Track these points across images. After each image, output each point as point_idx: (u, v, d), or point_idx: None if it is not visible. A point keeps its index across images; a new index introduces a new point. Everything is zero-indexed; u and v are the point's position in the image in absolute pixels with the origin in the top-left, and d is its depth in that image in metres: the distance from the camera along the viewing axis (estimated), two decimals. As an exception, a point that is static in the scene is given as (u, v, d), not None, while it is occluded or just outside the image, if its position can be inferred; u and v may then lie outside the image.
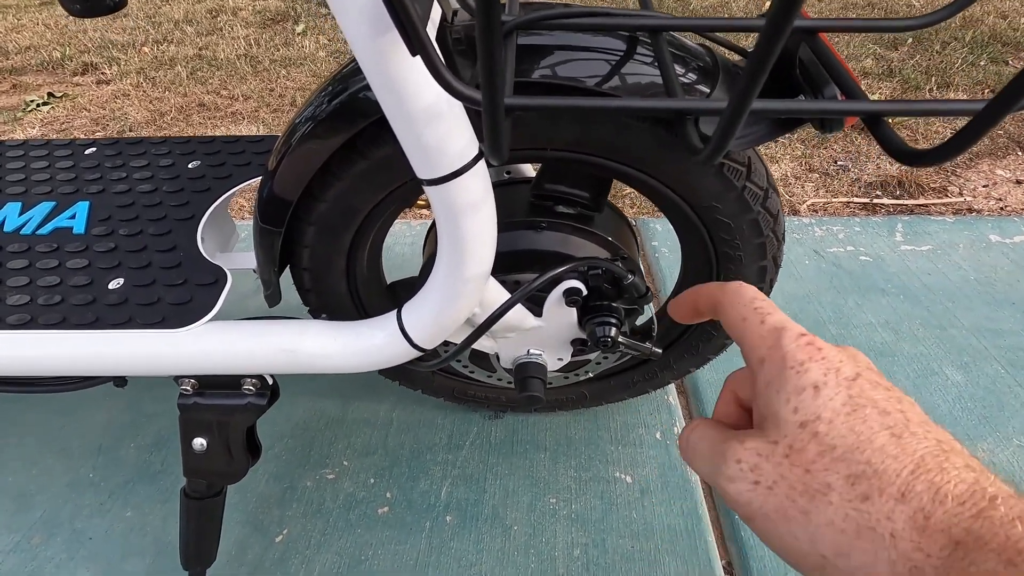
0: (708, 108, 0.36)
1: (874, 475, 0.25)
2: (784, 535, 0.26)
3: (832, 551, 0.25)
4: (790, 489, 0.26)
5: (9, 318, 0.60)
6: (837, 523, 0.25)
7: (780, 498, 0.26)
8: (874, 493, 0.24)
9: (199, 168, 0.80)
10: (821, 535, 0.25)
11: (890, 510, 0.24)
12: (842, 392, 0.27)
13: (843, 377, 0.27)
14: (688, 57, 0.52)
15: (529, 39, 0.50)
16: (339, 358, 0.60)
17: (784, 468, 0.26)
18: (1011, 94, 0.26)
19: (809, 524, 0.25)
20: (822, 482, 0.25)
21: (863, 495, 0.25)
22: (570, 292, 0.61)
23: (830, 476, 0.25)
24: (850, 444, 0.25)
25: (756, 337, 0.31)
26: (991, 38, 2.13)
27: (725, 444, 0.29)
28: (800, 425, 0.27)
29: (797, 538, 0.26)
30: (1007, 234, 1.26)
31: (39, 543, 0.79)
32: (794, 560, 0.26)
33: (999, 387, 0.94)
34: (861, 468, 0.25)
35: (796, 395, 0.27)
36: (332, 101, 0.56)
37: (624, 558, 0.75)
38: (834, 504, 0.25)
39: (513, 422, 0.92)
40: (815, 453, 0.26)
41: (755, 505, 0.27)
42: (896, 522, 0.24)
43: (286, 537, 0.79)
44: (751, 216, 0.60)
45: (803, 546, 0.26)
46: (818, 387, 0.27)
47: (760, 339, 0.30)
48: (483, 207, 0.49)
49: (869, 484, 0.25)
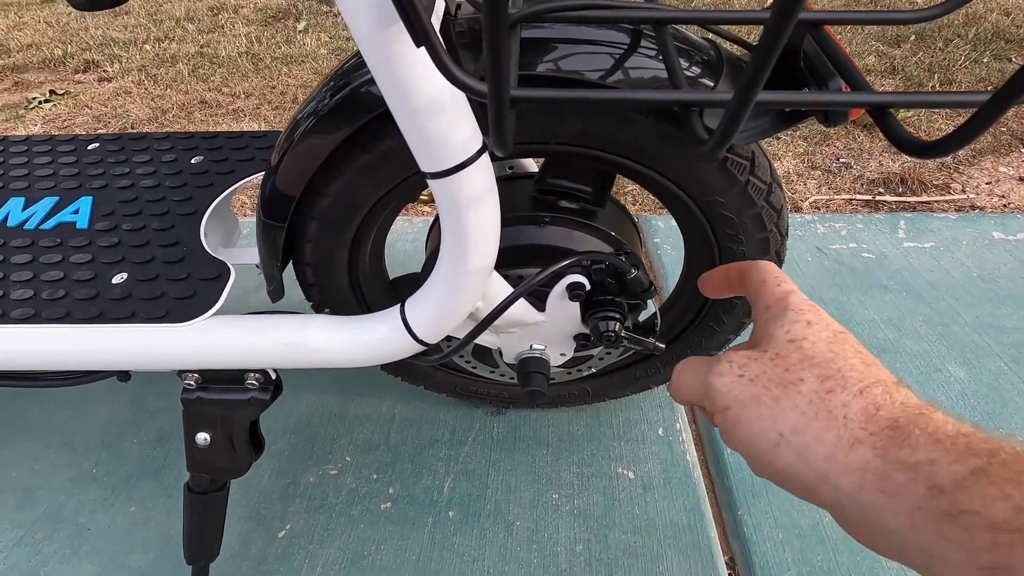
0: (713, 100, 0.36)
1: (841, 378, 0.30)
2: (752, 418, 0.31)
3: (790, 428, 0.30)
4: (768, 380, 0.31)
5: (13, 312, 0.60)
6: (801, 406, 0.30)
7: (758, 387, 0.31)
8: (837, 388, 0.30)
9: (202, 163, 0.80)
10: (784, 416, 0.30)
11: (848, 400, 0.29)
12: (829, 331, 0.32)
13: (833, 327, 0.33)
14: (692, 50, 0.52)
15: (533, 32, 0.50)
16: (342, 352, 0.60)
17: (767, 366, 0.32)
18: (1016, 85, 0.26)
19: (776, 407, 0.30)
20: (796, 377, 0.31)
21: (828, 389, 0.30)
22: (573, 287, 0.61)
23: (804, 374, 0.31)
24: (827, 358, 0.31)
25: (770, 295, 0.36)
26: (994, 35, 2.12)
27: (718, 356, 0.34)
28: (789, 341, 0.32)
29: (762, 418, 0.30)
30: (1010, 231, 1.26)
31: (43, 538, 0.79)
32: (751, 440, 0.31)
33: (1002, 383, 0.94)
34: (832, 372, 0.30)
35: (791, 324, 0.33)
36: (334, 96, 0.56)
37: (626, 554, 0.75)
38: (803, 393, 0.30)
39: (516, 418, 0.92)
40: (796, 359, 0.31)
41: (734, 392, 0.31)
42: (851, 408, 0.29)
43: (289, 532, 0.79)
44: (754, 211, 0.60)
45: (765, 425, 0.30)
46: (810, 323, 0.33)
47: (773, 296, 0.36)
48: (487, 200, 0.49)
49: (835, 382, 0.30)
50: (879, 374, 0.30)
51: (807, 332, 0.32)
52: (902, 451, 0.27)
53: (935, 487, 0.25)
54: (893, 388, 0.30)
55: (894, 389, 0.29)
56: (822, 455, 0.29)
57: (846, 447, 0.28)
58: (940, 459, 0.26)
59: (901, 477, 0.27)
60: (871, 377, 0.30)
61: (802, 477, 0.29)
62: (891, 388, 0.29)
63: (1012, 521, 0.23)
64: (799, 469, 0.29)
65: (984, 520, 0.24)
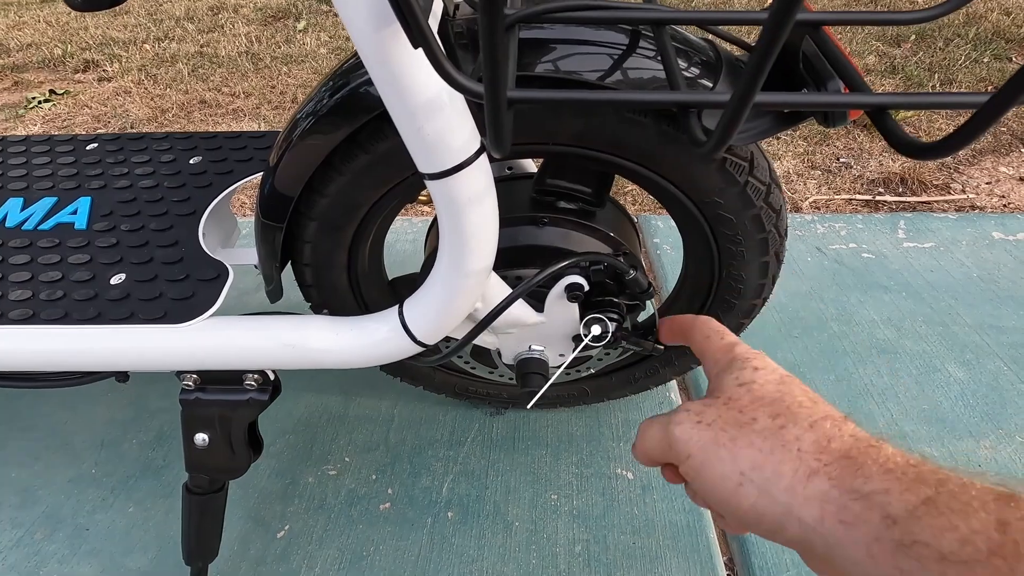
0: (711, 101, 0.36)
1: (791, 415, 0.32)
2: (713, 460, 0.32)
3: (749, 466, 0.31)
4: (724, 423, 0.33)
5: (11, 313, 0.60)
6: (757, 443, 0.31)
7: (715, 430, 0.33)
8: (788, 423, 0.31)
9: (201, 164, 0.80)
10: (742, 454, 0.31)
11: (800, 434, 0.31)
12: (775, 375, 0.35)
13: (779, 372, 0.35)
14: (691, 51, 0.52)
15: (531, 32, 0.50)
16: (341, 353, 0.60)
17: (722, 410, 0.34)
18: (1015, 87, 0.26)
19: (734, 446, 0.32)
20: (750, 417, 0.33)
21: (780, 425, 0.32)
22: (572, 288, 0.61)
23: (757, 413, 0.33)
24: (775, 397, 0.33)
25: (716, 350, 0.39)
26: (994, 35, 2.12)
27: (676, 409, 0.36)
28: (739, 385, 0.35)
29: (723, 460, 0.32)
30: (1010, 231, 1.26)
31: (42, 538, 0.79)
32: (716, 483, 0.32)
33: (1001, 384, 0.94)
34: (782, 410, 0.32)
35: (739, 371, 0.35)
36: (333, 96, 0.55)
37: (625, 554, 0.75)
38: (757, 431, 0.32)
39: (515, 418, 0.92)
40: (748, 401, 0.33)
41: (694, 440, 0.33)
42: (803, 441, 0.31)
43: (288, 532, 0.79)
44: (753, 211, 0.60)
45: (726, 467, 0.32)
46: (757, 368, 0.35)
47: (719, 350, 0.38)
48: (485, 201, 0.49)
49: (785, 418, 0.32)
50: (826, 409, 0.32)
51: (755, 376, 0.35)
52: (856, 480, 0.28)
53: (888, 517, 0.26)
54: (841, 421, 0.31)
55: (842, 422, 0.31)
56: (782, 487, 0.30)
57: (803, 478, 0.29)
58: (892, 488, 0.27)
59: (857, 507, 0.27)
60: (819, 412, 0.32)
61: (769, 514, 0.30)
62: (839, 421, 0.31)
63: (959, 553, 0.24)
64: (765, 506, 0.30)
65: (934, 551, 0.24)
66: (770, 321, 1.05)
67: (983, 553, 0.23)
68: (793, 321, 1.06)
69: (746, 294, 0.68)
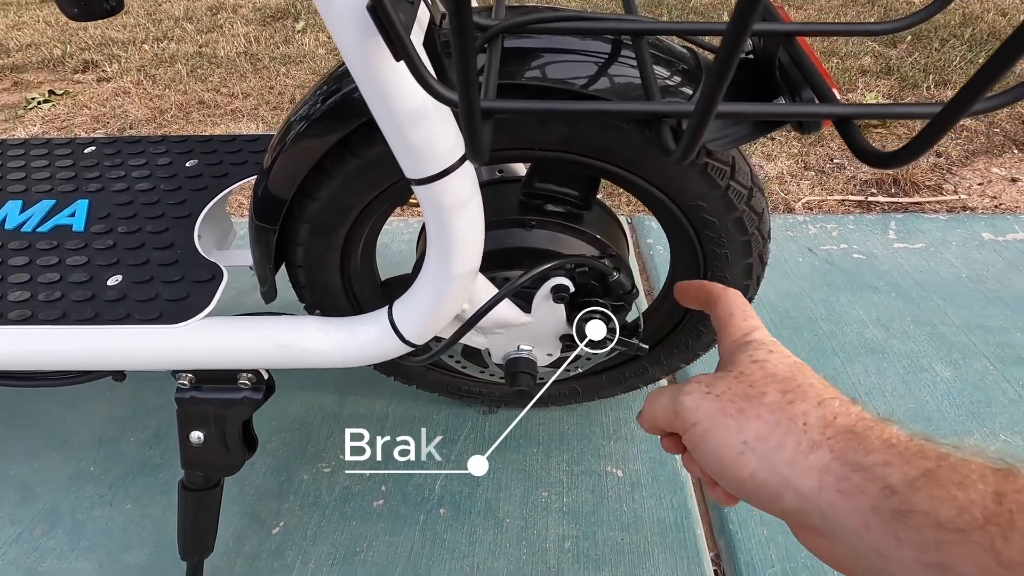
0: (676, 111, 0.37)
1: (801, 392, 0.33)
2: (719, 429, 0.33)
3: (754, 436, 0.32)
4: (733, 395, 0.33)
5: (10, 314, 0.61)
6: (764, 416, 0.32)
7: (724, 402, 0.33)
8: (798, 400, 0.32)
9: (196, 167, 0.81)
10: (748, 425, 0.32)
11: (808, 410, 0.31)
12: (789, 359, 0.35)
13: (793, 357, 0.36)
14: (673, 60, 0.53)
15: (515, 42, 0.51)
16: (332, 353, 0.61)
17: (732, 383, 0.34)
18: (966, 98, 0.27)
19: (741, 417, 0.32)
20: (759, 391, 0.33)
21: (789, 400, 0.32)
22: (557, 289, 0.62)
23: (767, 388, 0.33)
24: (788, 375, 0.34)
25: (737, 329, 0.39)
26: (990, 35, 2.13)
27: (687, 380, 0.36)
28: (752, 362, 0.35)
29: (728, 429, 0.32)
30: (1000, 232, 1.27)
31: (41, 534, 0.80)
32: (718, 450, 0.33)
33: (987, 383, 0.95)
34: (792, 387, 0.33)
35: (754, 350, 0.36)
36: (326, 101, 0.57)
37: (614, 550, 0.77)
38: (765, 404, 0.32)
39: (507, 417, 0.93)
40: (759, 376, 0.34)
41: (702, 408, 0.34)
42: (810, 417, 0.31)
43: (283, 529, 0.80)
44: (736, 214, 0.61)
45: (731, 435, 0.32)
46: (772, 351, 0.36)
47: (739, 330, 0.39)
48: (470, 206, 0.50)
49: (795, 395, 0.32)
50: (836, 392, 0.33)
51: (769, 356, 0.35)
52: (857, 454, 0.29)
53: (888, 487, 0.27)
54: (849, 403, 0.32)
55: (850, 403, 0.32)
56: (784, 459, 0.30)
57: (806, 450, 0.30)
58: (893, 461, 0.27)
59: (857, 478, 0.28)
60: (829, 393, 0.33)
61: (767, 483, 0.31)
62: (847, 402, 0.32)
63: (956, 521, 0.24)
64: (764, 476, 0.31)
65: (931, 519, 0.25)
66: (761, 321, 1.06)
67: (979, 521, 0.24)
68: (783, 321, 1.07)
69: (731, 295, 0.69)
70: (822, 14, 2.44)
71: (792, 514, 0.30)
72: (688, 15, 2.49)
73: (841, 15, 2.42)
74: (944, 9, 0.42)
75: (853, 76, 1.94)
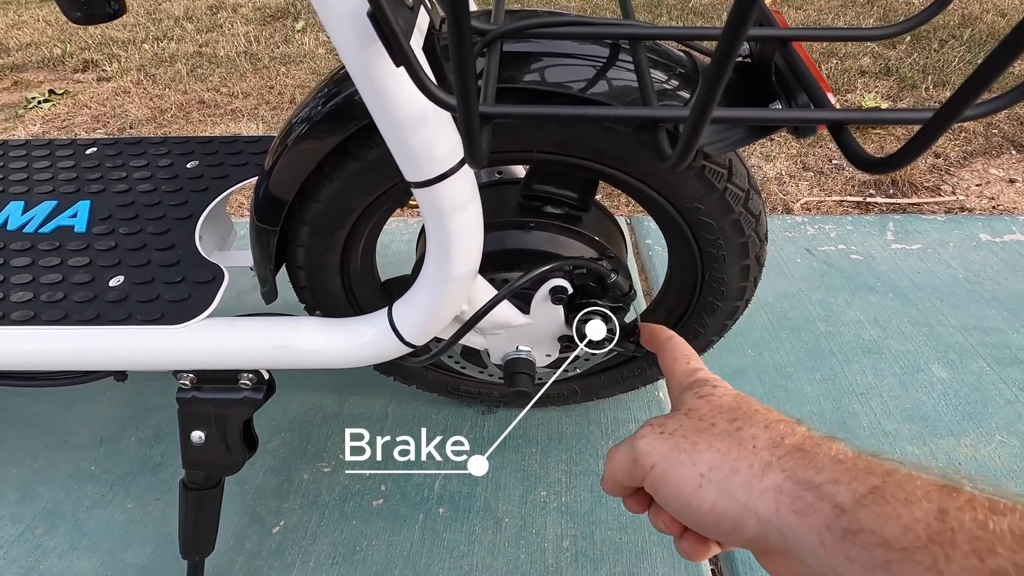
0: (672, 116, 0.38)
1: (748, 418, 0.34)
2: (675, 466, 0.34)
3: (708, 467, 0.33)
4: (685, 431, 0.35)
5: (13, 314, 0.62)
6: (715, 445, 0.33)
7: (676, 438, 0.35)
8: (745, 425, 0.34)
9: (197, 168, 0.81)
10: (702, 456, 0.33)
11: (756, 433, 0.33)
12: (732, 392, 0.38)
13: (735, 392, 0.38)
14: (670, 64, 0.54)
15: (514, 46, 0.51)
16: (332, 354, 0.61)
17: (683, 420, 0.36)
18: (957, 104, 0.28)
19: (694, 450, 0.34)
20: (709, 423, 0.35)
21: (738, 427, 0.34)
22: (556, 290, 0.63)
23: (716, 419, 0.35)
24: (734, 405, 0.36)
25: (681, 372, 0.42)
26: (989, 36, 2.13)
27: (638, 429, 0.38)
28: (699, 397, 0.38)
29: (683, 464, 0.33)
30: (997, 233, 1.28)
31: (42, 533, 0.81)
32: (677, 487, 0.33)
33: (983, 384, 0.96)
34: (739, 415, 0.35)
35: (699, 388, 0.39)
36: (326, 103, 0.57)
37: (612, 549, 0.77)
38: (715, 433, 0.34)
39: (506, 417, 0.94)
40: (707, 410, 0.36)
41: (657, 449, 0.35)
42: (759, 439, 0.33)
43: (283, 528, 0.81)
44: (733, 217, 0.61)
45: (686, 470, 0.33)
46: (716, 386, 0.39)
47: (684, 372, 0.42)
48: (469, 208, 0.51)
49: (742, 421, 0.34)
50: (781, 416, 0.35)
51: (714, 391, 0.38)
52: (808, 472, 0.29)
53: (838, 506, 0.27)
54: (794, 423, 0.34)
55: (795, 424, 0.34)
56: (739, 484, 0.31)
57: (759, 472, 0.31)
58: (842, 479, 0.28)
59: (810, 497, 0.29)
60: (774, 416, 0.34)
61: (727, 513, 0.31)
62: (792, 423, 0.34)
63: (900, 540, 0.25)
64: (724, 505, 0.31)
65: (878, 538, 0.26)
66: (758, 321, 1.07)
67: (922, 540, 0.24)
68: (781, 321, 1.08)
69: (728, 296, 0.70)
70: (821, 15, 2.44)
71: (756, 541, 0.31)
72: (687, 15, 2.50)
73: (840, 15, 2.42)
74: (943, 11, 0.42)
75: (852, 77, 1.94)
